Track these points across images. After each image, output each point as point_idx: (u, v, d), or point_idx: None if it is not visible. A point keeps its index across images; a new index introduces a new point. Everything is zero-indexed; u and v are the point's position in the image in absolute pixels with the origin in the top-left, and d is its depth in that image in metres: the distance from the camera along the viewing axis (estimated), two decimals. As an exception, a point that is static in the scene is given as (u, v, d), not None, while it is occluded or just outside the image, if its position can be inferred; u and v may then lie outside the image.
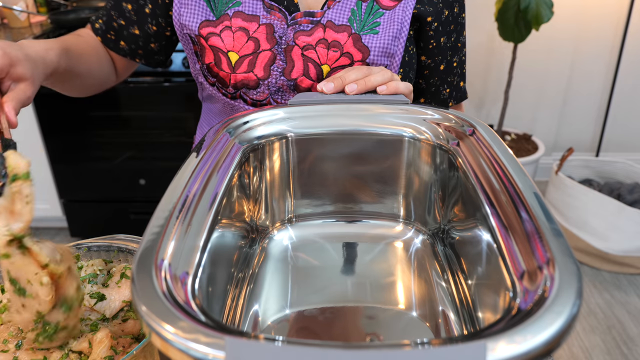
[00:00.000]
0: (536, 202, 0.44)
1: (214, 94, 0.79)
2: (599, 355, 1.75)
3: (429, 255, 0.63)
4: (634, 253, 2.05)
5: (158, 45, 0.82)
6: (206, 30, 0.73)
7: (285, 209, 0.68)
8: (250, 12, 0.73)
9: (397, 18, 0.73)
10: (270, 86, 0.75)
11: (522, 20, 2.09)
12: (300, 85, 0.74)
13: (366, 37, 0.73)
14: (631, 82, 2.60)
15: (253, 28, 0.73)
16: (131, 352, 0.48)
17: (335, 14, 0.73)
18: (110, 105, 2.00)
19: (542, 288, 0.35)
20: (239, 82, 0.74)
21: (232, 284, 0.54)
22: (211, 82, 0.77)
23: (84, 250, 0.63)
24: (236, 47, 0.73)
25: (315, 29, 0.73)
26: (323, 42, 0.73)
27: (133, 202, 2.20)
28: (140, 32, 0.80)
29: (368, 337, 0.53)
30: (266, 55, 0.73)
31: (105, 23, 0.81)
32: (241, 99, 0.77)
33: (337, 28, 0.73)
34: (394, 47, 0.73)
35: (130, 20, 0.80)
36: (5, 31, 2.12)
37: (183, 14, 0.74)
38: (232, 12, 0.73)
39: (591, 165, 2.34)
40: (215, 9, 0.73)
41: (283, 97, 0.76)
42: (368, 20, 0.73)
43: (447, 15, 0.77)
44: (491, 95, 2.66)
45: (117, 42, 0.81)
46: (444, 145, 0.60)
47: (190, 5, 0.73)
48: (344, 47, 0.73)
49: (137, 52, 0.82)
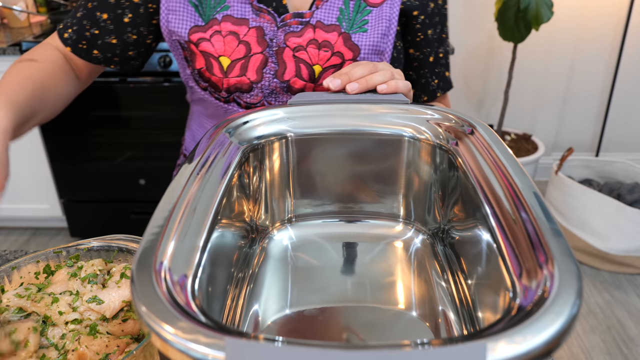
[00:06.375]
0: (536, 202, 0.44)
1: (206, 98, 0.78)
2: (599, 355, 1.75)
3: (429, 255, 0.63)
4: (634, 253, 2.05)
5: (136, 52, 0.80)
6: (196, 35, 0.72)
7: (285, 209, 0.68)
8: (239, 15, 0.72)
9: (385, 15, 0.74)
10: (264, 89, 0.74)
11: (522, 20, 2.09)
12: (293, 86, 0.75)
13: (356, 35, 0.73)
14: (631, 82, 2.60)
15: (243, 32, 0.72)
16: (131, 352, 0.48)
17: (323, 13, 0.73)
18: (110, 105, 2.00)
19: (542, 288, 0.35)
20: (232, 86, 0.74)
21: (232, 284, 0.54)
22: (203, 86, 0.77)
23: (84, 250, 0.63)
24: (227, 52, 0.72)
25: (305, 30, 0.73)
26: (313, 42, 0.73)
27: (133, 202, 2.20)
28: (118, 41, 0.77)
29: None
30: (258, 58, 0.73)
31: (76, 32, 0.76)
32: (235, 102, 0.76)
33: (327, 28, 0.73)
34: (384, 44, 0.74)
35: (106, 30, 0.76)
36: (5, 31, 2.12)
37: (171, 21, 0.73)
38: (221, 17, 0.72)
39: (591, 165, 2.34)
40: (204, 14, 0.72)
41: (277, 98, 0.76)
42: (356, 19, 0.74)
43: (433, 8, 0.79)
44: (491, 95, 2.66)
45: (89, 51, 0.77)
46: (444, 145, 0.60)
47: (178, 11, 0.72)
48: (335, 46, 0.73)
49: (113, 59, 0.79)
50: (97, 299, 0.56)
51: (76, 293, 0.57)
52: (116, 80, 1.95)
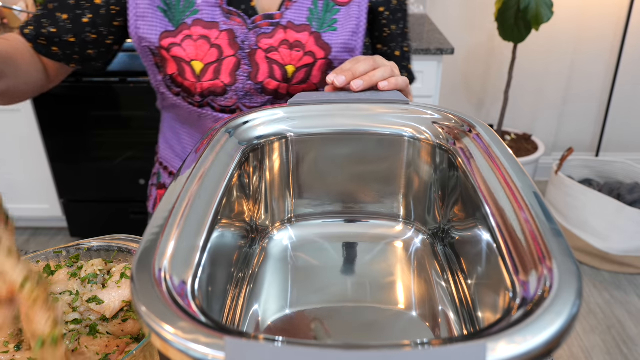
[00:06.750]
0: (536, 202, 0.43)
1: (179, 104, 0.78)
2: (599, 355, 1.75)
3: (429, 255, 0.63)
4: (634, 253, 2.05)
5: (96, 52, 0.78)
6: (167, 41, 0.72)
7: (285, 209, 0.68)
8: (209, 19, 0.72)
9: (354, 13, 0.76)
10: (238, 91, 0.75)
11: (522, 20, 2.09)
12: (267, 87, 0.75)
13: (326, 34, 0.75)
14: (631, 82, 2.60)
15: (214, 35, 0.72)
16: (131, 352, 0.48)
17: (293, 14, 0.74)
18: (110, 105, 2.00)
19: (542, 288, 0.35)
20: (206, 90, 0.74)
21: (232, 284, 0.54)
22: (175, 92, 0.76)
23: (84, 250, 0.63)
24: (199, 56, 0.72)
25: (276, 31, 0.74)
26: (285, 43, 0.74)
27: (133, 202, 2.20)
28: (76, 40, 0.76)
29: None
30: (231, 61, 0.73)
31: (35, 29, 0.75)
32: (209, 106, 0.76)
33: (298, 28, 0.74)
34: (354, 41, 0.76)
35: (65, 29, 0.75)
36: (5, 31, 2.12)
37: (141, 27, 0.72)
38: (191, 21, 0.72)
39: (591, 165, 2.34)
40: (173, 18, 0.72)
41: (251, 100, 0.76)
42: (326, 18, 0.75)
43: (396, 5, 0.81)
44: (491, 96, 2.66)
45: (48, 47, 0.76)
46: (444, 145, 0.60)
47: (147, 17, 0.72)
48: (306, 46, 0.74)
49: (72, 57, 0.78)
50: (97, 299, 0.56)
51: (76, 293, 0.57)
52: (116, 80, 1.95)
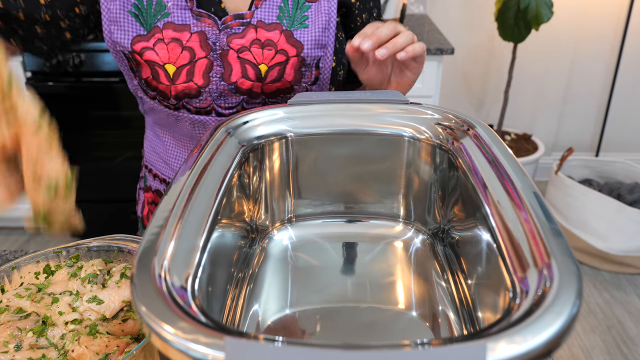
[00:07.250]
0: (536, 202, 0.43)
1: (156, 107, 0.79)
2: (599, 355, 1.75)
3: (429, 255, 0.63)
4: (634, 253, 2.05)
5: (45, 32, 0.74)
6: (139, 45, 0.72)
7: (285, 209, 0.68)
8: (180, 21, 0.72)
9: (324, 9, 0.76)
10: (212, 92, 0.75)
11: (522, 20, 2.09)
12: (241, 87, 0.75)
13: (297, 32, 0.75)
14: (631, 82, 2.60)
15: (185, 37, 0.72)
16: (131, 352, 0.48)
17: (263, 13, 0.74)
18: (110, 105, 2.00)
19: (542, 288, 0.35)
20: (180, 92, 0.74)
21: (232, 284, 0.54)
22: (151, 95, 0.77)
23: (84, 250, 0.63)
24: (172, 59, 0.72)
25: (247, 31, 0.74)
26: (257, 42, 0.74)
27: (133, 202, 2.19)
28: (25, 18, 0.72)
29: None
30: (203, 62, 0.73)
31: None
32: (184, 108, 0.76)
33: (268, 27, 0.74)
34: (325, 38, 0.76)
35: (14, 6, 0.70)
36: None
37: (114, 32, 0.73)
38: (162, 24, 0.72)
39: (591, 165, 2.34)
40: (145, 22, 0.72)
41: (226, 101, 0.76)
42: (296, 15, 0.75)
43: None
44: (491, 96, 2.66)
45: None
46: (444, 145, 0.60)
47: (119, 22, 0.72)
48: (278, 44, 0.74)
49: (17, 32, 0.73)
50: (97, 299, 0.56)
51: (76, 293, 0.57)
52: (116, 80, 1.95)
